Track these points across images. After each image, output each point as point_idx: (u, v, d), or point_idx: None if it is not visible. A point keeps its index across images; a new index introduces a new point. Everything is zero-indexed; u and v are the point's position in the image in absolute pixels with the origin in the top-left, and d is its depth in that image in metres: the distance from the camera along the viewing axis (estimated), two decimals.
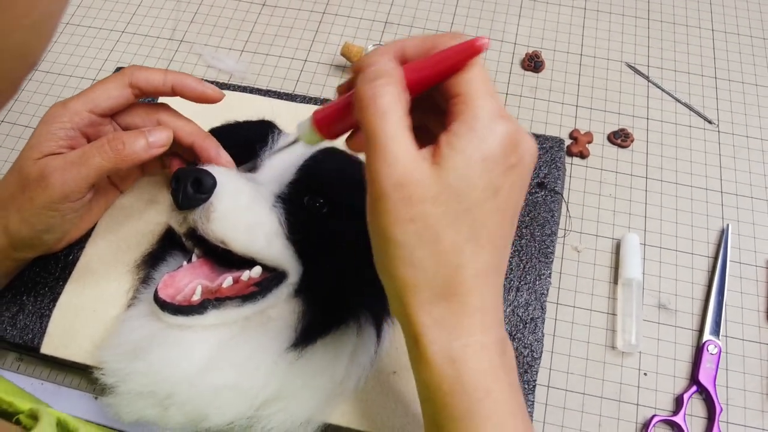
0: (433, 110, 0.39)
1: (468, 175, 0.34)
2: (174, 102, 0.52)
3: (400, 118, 0.35)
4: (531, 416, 0.50)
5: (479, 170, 0.35)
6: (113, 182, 0.56)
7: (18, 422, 0.37)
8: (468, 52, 0.36)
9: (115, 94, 0.49)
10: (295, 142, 0.44)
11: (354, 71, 0.39)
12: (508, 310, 0.53)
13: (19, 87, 0.28)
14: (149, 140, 0.48)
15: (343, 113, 0.40)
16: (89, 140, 0.49)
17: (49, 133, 0.47)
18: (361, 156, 0.39)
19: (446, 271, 0.35)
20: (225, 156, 0.52)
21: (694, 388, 0.54)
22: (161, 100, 0.61)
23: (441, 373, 0.36)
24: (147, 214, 0.57)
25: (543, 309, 0.54)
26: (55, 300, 0.54)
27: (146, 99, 0.60)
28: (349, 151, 0.42)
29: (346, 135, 0.42)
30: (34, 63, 0.27)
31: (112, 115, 0.51)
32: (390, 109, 0.34)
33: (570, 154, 0.66)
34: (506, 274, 0.55)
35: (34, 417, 0.36)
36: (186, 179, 0.46)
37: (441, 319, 0.36)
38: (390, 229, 0.35)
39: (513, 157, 0.36)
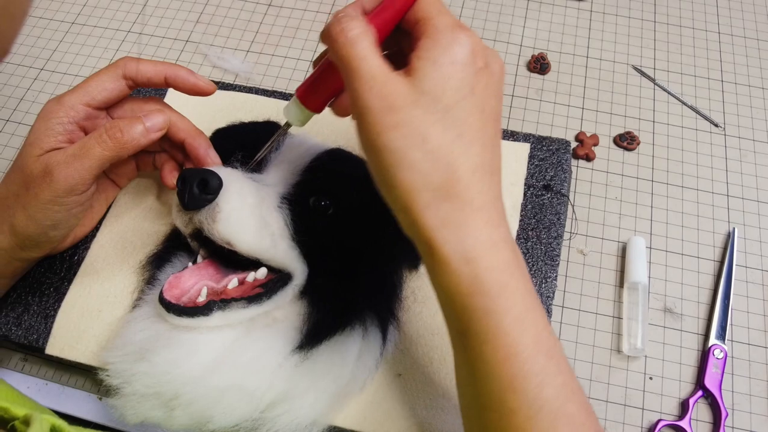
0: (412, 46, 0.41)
1: (440, 77, 0.37)
2: (179, 102, 0.52)
3: (369, 44, 0.37)
4: None
5: (450, 72, 0.37)
6: (111, 179, 0.56)
7: (13, 429, 0.37)
8: None
9: (109, 87, 0.49)
10: (287, 126, 0.46)
11: (323, 37, 0.40)
12: None
13: None
14: (146, 125, 0.48)
15: (323, 79, 0.42)
16: (87, 133, 0.50)
17: (47, 129, 0.48)
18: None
19: (441, 169, 0.36)
20: (213, 155, 0.52)
21: (700, 392, 0.54)
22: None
23: (458, 275, 0.36)
24: (152, 215, 0.57)
25: (549, 312, 0.53)
26: (60, 300, 0.54)
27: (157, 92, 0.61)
28: (338, 117, 0.45)
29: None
30: (6, 50, 0.27)
31: (107, 108, 0.51)
32: (359, 37, 0.37)
33: (576, 156, 0.66)
34: None
35: (29, 423, 0.36)
36: (192, 180, 0.46)
37: (448, 218, 0.36)
38: (379, 139, 0.36)
39: (480, 61, 0.38)
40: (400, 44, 0.43)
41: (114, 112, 0.52)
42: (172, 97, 0.63)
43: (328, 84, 0.43)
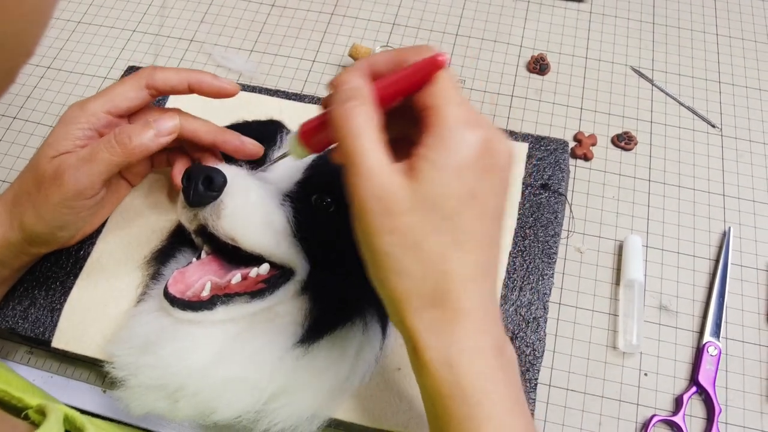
0: (412, 121, 0.40)
1: (442, 184, 0.36)
2: (183, 103, 0.53)
3: (373, 136, 0.36)
4: (532, 414, 0.51)
5: (453, 179, 0.36)
6: (124, 177, 0.57)
7: (26, 417, 0.38)
8: (430, 68, 0.38)
9: (132, 96, 0.50)
10: (284, 155, 0.46)
11: (330, 88, 0.40)
12: (511, 309, 0.54)
13: (15, 77, 0.28)
14: (156, 130, 0.48)
15: (326, 127, 0.41)
16: None
17: (67, 133, 0.49)
18: None
19: (433, 278, 0.36)
20: (250, 142, 0.53)
21: (694, 388, 0.55)
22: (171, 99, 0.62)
23: (440, 379, 0.36)
24: (157, 211, 0.58)
25: (545, 309, 0.54)
26: (66, 294, 0.55)
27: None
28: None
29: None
30: (30, 53, 0.28)
31: (128, 116, 0.52)
32: (363, 128, 0.36)
33: (574, 156, 0.67)
34: (510, 274, 0.56)
35: (43, 413, 0.37)
36: (197, 177, 0.46)
37: (435, 324, 0.36)
38: (374, 241, 0.36)
39: (486, 160, 0.37)
40: (405, 122, 0.41)
41: (134, 120, 0.52)
42: (175, 97, 0.64)
43: (330, 132, 0.41)
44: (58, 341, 0.53)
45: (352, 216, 0.37)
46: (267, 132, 0.56)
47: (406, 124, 0.40)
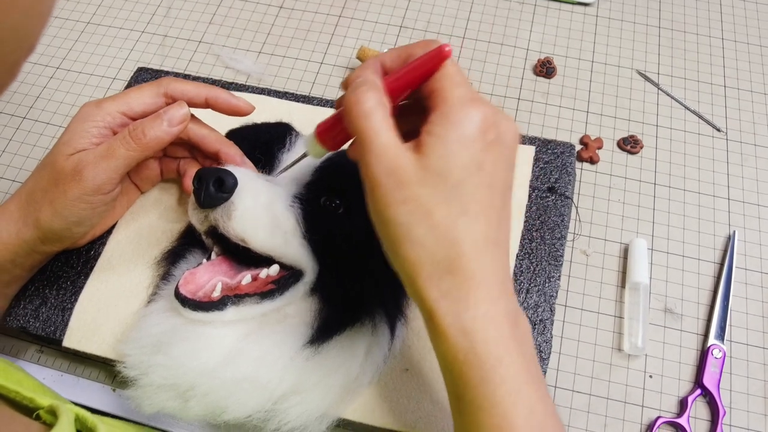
0: (421, 115, 0.41)
1: (447, 155, 0.37)
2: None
3: (382, 117, 0.38)
4: None
5: (458, 150, 0.38)
6: (134, 182, 0.58)
7: (38, 417, 0.39)
8: (437, 59, 0.40)
9: (148, 101, 0.51)
10: (303, 156, 0.48)
11: (343, 87, 0.42)
12: None
13: (17, 72, 0.29)
14: (167, 120, 0.50)
15: (341, 124, 0.43)
16: None
17: (83, 131, 0.50)
18: None
19: (445, 245, 0.38)
20: (249, 164, 0.54)
21: (699, 391, 0.55)
22: None
23: (455, 345, 0.38)
24: (167, 214, 0.58)
25: (552, 311, 0.55)
26: (76, 294, 0.55)
27: None
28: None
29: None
30: (32, 46, 0.28)
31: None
32: (372, 110, 0.38)
33: (580, 159, 0.67)
34: (517, 276, 0.56)
35: (54, 413, 0.38)
36: (208, 178, 0.47)
37: (448, 291, 0.38)
38: (387, 212, 0.38)
39: (490, 135, 0.38)
40: (417, 111, 0.42)
41: None
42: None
43: (346, 129, 0.43)
44: (69, 341, 0.53)
45: (366, 193, 0.39)
46: (276, 134, 0.57)
47: (415, 119, 0.42)
